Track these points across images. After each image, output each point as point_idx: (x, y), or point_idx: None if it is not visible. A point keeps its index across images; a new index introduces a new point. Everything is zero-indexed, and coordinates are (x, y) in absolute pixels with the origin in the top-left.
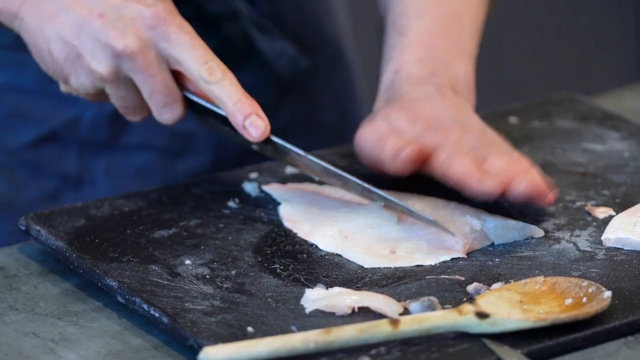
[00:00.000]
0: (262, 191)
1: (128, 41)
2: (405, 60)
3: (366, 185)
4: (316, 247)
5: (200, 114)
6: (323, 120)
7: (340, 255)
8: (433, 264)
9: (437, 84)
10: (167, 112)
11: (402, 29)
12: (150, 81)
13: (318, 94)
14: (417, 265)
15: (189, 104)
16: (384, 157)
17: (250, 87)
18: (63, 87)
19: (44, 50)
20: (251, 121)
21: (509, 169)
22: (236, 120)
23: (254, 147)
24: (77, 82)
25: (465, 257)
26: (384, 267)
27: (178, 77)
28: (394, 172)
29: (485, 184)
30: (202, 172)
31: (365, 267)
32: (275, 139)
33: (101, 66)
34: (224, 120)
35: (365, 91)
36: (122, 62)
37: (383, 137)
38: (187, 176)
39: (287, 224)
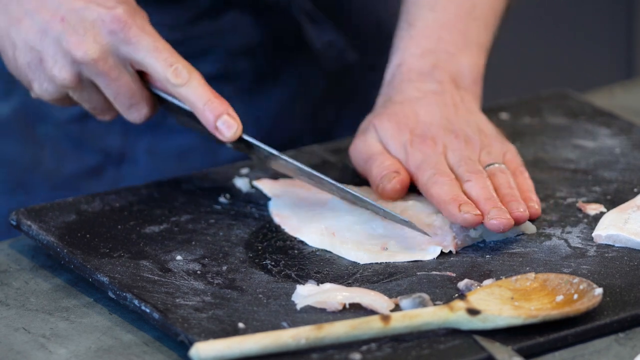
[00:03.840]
0: (253, 187)
1: (87, 47)
2: (409, 54)
3: (341, 185)
4: (307, 243)
5: (171, 111)
6: None
7: (331, 252)
8: (428, 259)
9: (438, 80)
10: (133, 113)
11: (412, 19)
12: (112, 85)
13: (374, 91)
14: (408, 262)
15: (159, 100)
16: (371, 181)
17: (300, 79)
18: (32, 93)
19: (9, 55)
20: (223, 121)
21: (484, 198)
22: (207, 120)
23: (229, 145)
24: (41, 89)
25: (456, 253)
26: (375, 264)
27: (144, 75)
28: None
29: (461, 216)
30: (242, 160)
31: (361, 263)
32: (247, 137)
33: (62, 72)
34: (195, 118)
35: None
36: (82, 68)
37: (372, 157)
38: (228, 162)
39: (277, 219)
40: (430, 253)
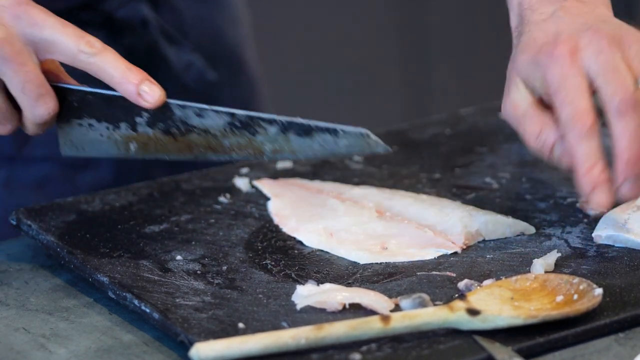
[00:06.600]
0: (253, 186)
1: None
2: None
3: None
4: (305, 243)
5: (74, 110)
6: None
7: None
8: (430, 258)
9: (559, 3)
10: (41, 106)
11: None
12: (21, 71)
13: (220, 104)
14: (408, 262)
15: (62, 102)
16: (526, 141)
17: None
18: None
19: None
20: (144, 87)
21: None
22: (127, 89)
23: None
24: None
25: (458, 252)
26: (375, 264)
27: (47, 73)
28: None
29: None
30: (103, 186)
31: (361, 263)
32: (172, 101)
33: None
34: (104, 103)
35: (267, 99)
36: None
37: (524, 115)
38: (88, 189)
39: (276, 219)
40: (430, 253)
